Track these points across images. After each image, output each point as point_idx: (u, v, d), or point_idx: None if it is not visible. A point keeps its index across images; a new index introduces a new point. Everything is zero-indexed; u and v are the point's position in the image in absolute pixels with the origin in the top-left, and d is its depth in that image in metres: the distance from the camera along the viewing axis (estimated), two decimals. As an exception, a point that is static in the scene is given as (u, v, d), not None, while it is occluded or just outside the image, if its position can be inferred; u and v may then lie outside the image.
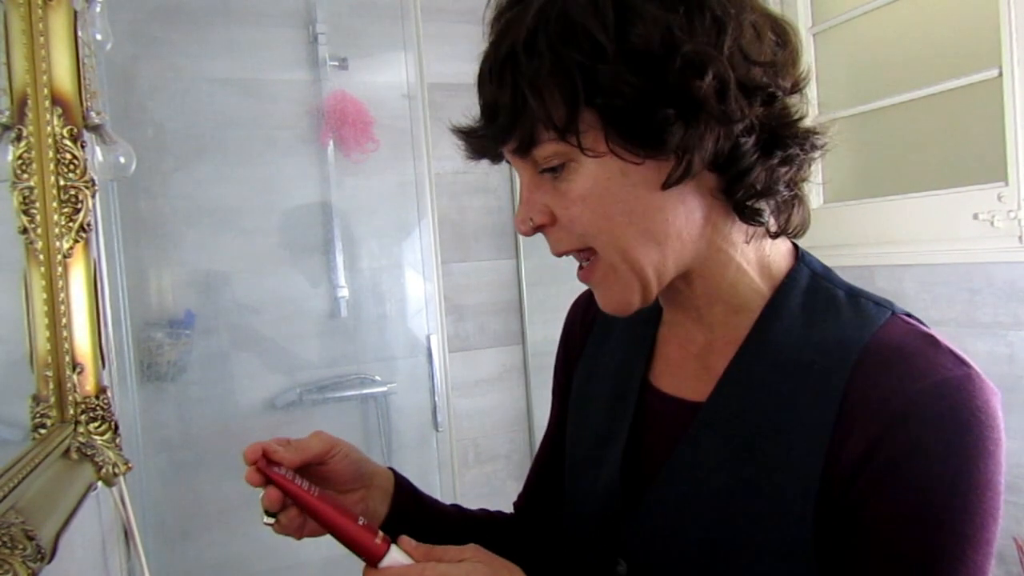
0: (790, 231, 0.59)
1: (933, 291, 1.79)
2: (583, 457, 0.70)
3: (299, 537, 0.61)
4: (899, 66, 1.87)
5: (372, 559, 0.54)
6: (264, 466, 0.58)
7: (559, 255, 0.59)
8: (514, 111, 0.52)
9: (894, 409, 0.48)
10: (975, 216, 1.68)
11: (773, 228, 0.58)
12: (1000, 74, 1.61)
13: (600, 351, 0.73)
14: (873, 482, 0.49)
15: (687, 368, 0.63)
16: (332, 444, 0.64)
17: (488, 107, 0.55)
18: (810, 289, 0.58)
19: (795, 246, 0.62)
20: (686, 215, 0.55)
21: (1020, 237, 1.61)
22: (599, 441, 0.67)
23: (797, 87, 0.55)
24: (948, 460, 0.47)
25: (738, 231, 0.57)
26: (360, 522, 0.56)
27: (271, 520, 0.60)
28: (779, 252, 0.60)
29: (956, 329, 1.74)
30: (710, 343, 0.61)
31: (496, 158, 0.61)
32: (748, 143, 0.52)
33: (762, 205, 0.55)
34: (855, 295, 0.57)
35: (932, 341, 0.52)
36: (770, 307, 0.58)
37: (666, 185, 0.53)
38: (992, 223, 1.65)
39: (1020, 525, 1.63)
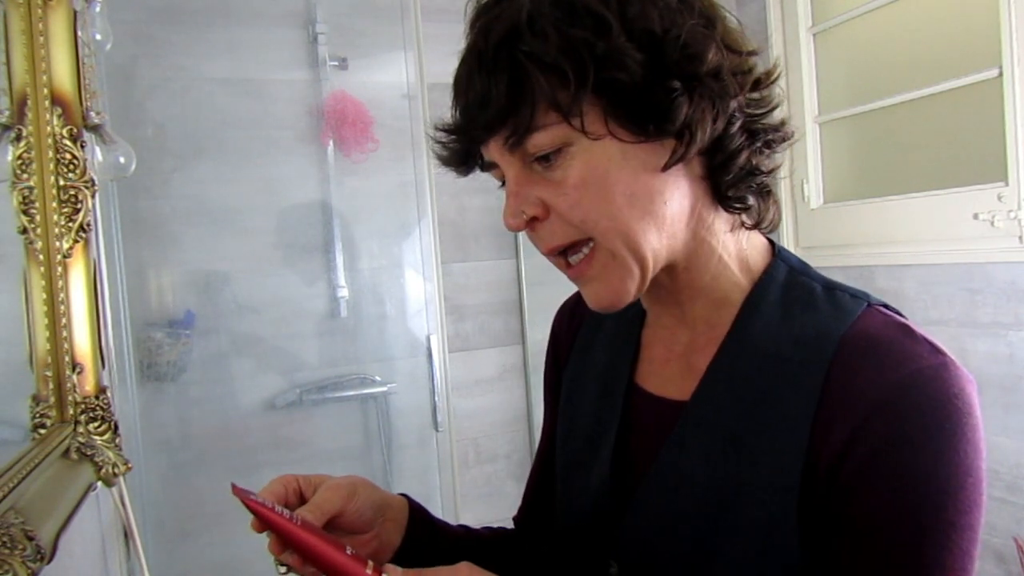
0: (765, 224, 0.60)
1: (933, 291, 1.79)
2: (573, 460, 0.70)
3: None
4: (899, 66, 1.87)
5: None
6: (241, 494, 0.55)
7: (551, 251, 0.57)
8: (512, 97, 0.51)
9: (872, 400, 0.49)
10: (975, 216, 1.68)
11: (751, 220, 0.59)
12: (1000, 74, 1.61)
13: (587, 355, 0.73)
14: (856, 473, 0.49)
15: (671, 367, 0.63)
16: (350, 495, 0.61)
17: (479, 98, 0.53)
18: (787, 283, 0.58)
19: (771, 242, 0.63)
20: (679, 200, 0.55)
21: (1020, 237, 1.61)
22: (588, 444, 0.67)
23: (773, 76, 0.56)
24: (928, 448, 0.48)
25: (720, 222, 0.58)
26: (348, 551, 0.53)
27: (284, 570, 0.57)
28: (755, 247, 0.61)
29: (956, 329, 1.74)
30: (693, 341, 0.61)
31: (466, 166, 0.61)
32: (736, 126, 0.54)
33: (745, 192, 0.57)
34: (831, 288, 0.57)
35: (907, 331, 0.52)
36: (749, 302, 0.58)
37: (668, 165, 0.53)
38: (992, 223, 1.65)
39: (1020, 525, 1.63)
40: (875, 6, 1.90)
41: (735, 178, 0.56)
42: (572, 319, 0.77)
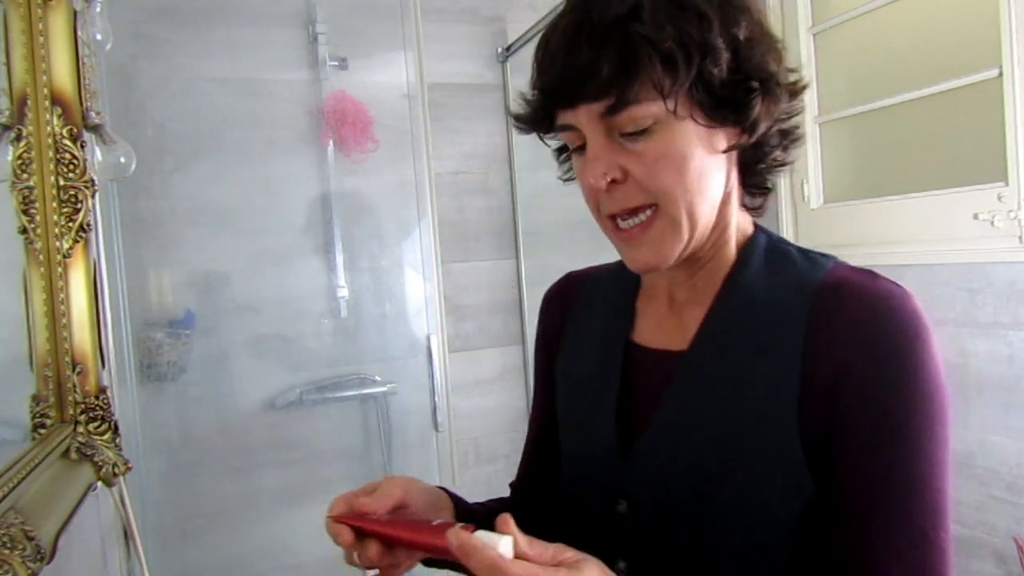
0: (760, 209, 0.72)
1: (933, 291, 1.79)
2: (577, 421, 0.75)
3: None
4: (899, 66, 1.87)
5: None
6: (342, 519, 0.60)
7: (621, 212, 0.63)
8: (622, 71, 0.57)
9: (855, 327, 0.58)
10: (975, 216, 1.68)
11: (756, 204, 0.71)
12: (1000, 74, 1.61)
13: (581, 328, 0.79)
14: (853, 390, 0.58)
15: (667, 325, 0.70)
16: (407, 486, 0.67)
17: (585, 67, 0.58)
18: (769, 248, 0.68)
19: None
20: (724, 181, 0.65)
21: (1020, 237, 1.61)
22: (590, 400, 0.73)
23: (804, 88, 0.67)
24: (909, 358, 0.57)
25: (736, 201, 0.68)
26: (435, 523, 0.56)
27: (373, 573, 0.61)
28: (746, 220, 0.71)
29: (956, 329, 1.74)
30: (688, 300, 0.69)
31: (540, 127, 0.67)
32: (776, 127, 0.65)
33: (768, 181, 0.69)
34: (804, 251, 0.68)
35: (872, 273, 0.63)
36: (738, 263, 0.67)
37: (728, 149, 0.63)
38: (992, 223, 1.65)
39: (1020, 525, 1.63)
40: (875, 6, 1.90)
41: (766, 168, 0.67)
42: (562, 301, 0.83)
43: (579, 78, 0.59)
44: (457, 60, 2.07)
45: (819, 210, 2.10)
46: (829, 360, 0.58)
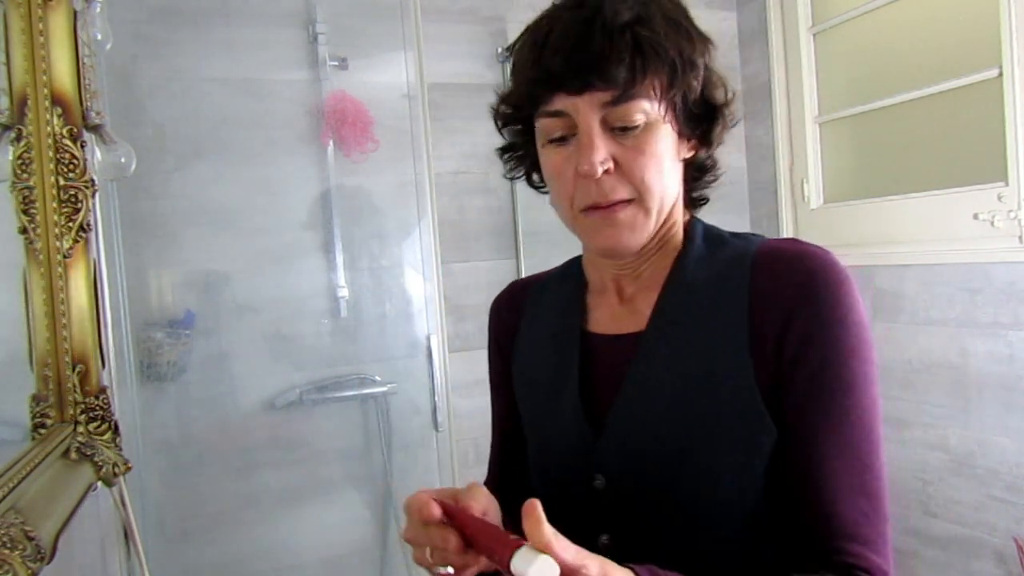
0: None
1: (933, 291, 1.79)
2: (544, 412, 0.78)
3: None
4: (899, 66, 1.88)
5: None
6: (435, 496, 0.58)
7: (606, 203, 0.67)
8: (632, 67, 0.64)
9: (792, 285, 0.65)
10: (975, 216, 1.68)
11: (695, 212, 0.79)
12: (1000, 74, 1.61)
13: (534, 328, 0.83)
14: (796, 336, 0.64)
15: (620, 314, 0.75)
16: (488, 503, 0.64)
17: (596, 57, 0.63)
18: (705, 233, 0.76)
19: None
20: (678, 187, 0.73)
21: (1020, 237, 1.61)
22: (556, 391, 0.76)
23: (735, 124, 0.75)
24: (839, 307, 0.64)
25: (682, 206, 0.76)
26: (512, 537, 0.51)
27: (448, 571, 0.59)
28: (687, 219, 0.78)
29: (956, 329, 1.74)
30: (635, 291, 0.75)
31: (526, 108, 0.70)
32: (714, 150, 0.75)
33: (706, 193, 0.78)
34: (735, 233, 0.75)
35: (796, 240, 0.70)
36: (683, 249, 0.74)
37: (688, 160, 0.72)
38: (992, 223, 1.65)
39: (1020, 525, 1.63)
40: (875, 6, 1.90)
41: (702, 185, 0.76)
42: (512, 307, 0.87)
43: (591, 66, 0.63)
44: (457, 60, 2.07)
45: (819, 210, 2.10)
46: (772, 315, 0.65)
